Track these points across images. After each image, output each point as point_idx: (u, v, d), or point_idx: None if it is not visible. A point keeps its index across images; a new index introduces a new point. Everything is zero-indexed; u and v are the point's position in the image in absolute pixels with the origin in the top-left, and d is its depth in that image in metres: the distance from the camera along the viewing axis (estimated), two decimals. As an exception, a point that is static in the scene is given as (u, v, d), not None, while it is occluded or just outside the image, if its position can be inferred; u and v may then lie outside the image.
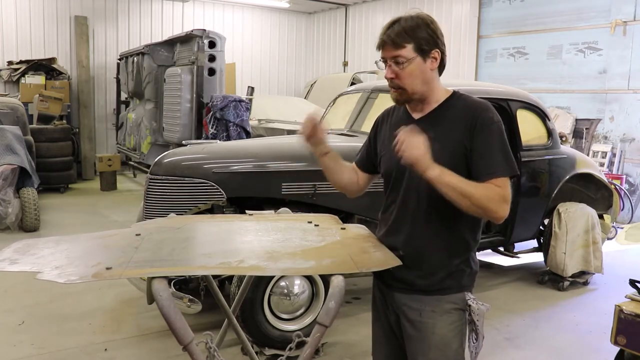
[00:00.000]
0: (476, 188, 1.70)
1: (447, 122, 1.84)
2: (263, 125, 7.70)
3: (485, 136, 1.77)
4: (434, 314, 1.84)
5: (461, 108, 1.84)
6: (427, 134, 1.77)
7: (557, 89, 8.73)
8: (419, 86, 1.84)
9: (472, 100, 1.87)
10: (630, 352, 2.50)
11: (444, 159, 1.75)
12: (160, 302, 1.53)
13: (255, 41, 12.85)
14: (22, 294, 4.35)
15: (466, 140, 1.79)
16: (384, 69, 1.88)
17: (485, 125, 1.78)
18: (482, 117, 1.79)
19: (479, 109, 1.82)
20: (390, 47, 1.80)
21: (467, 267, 1.88)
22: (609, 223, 5.40)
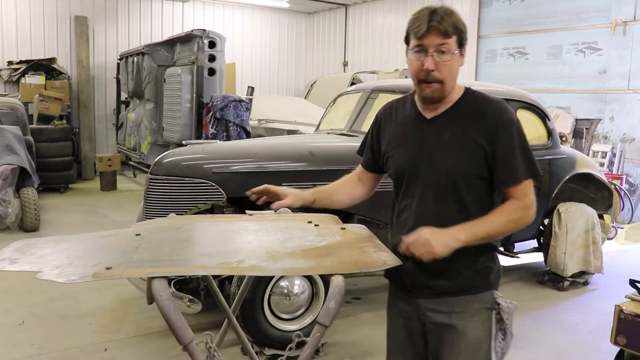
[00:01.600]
0: (500, 220, 1.67)
1: (463, 122, 1.74)
2: (263, 125, 7.70)
3: (507, 140, 1.70)
4: (464, 314, 1.77)
5: (477, 107, 1.75)
6: (441, 135, 1.73)
7: (557, 89, 8.73)
8: (453, 83, 1.74)
9: (487, 98, 1.78)
10: (630, 352, 2.50)
11: (461, 163, 1.70)
12: (160, 302, 1.53)
13: (255, 41, 12.85)
14: (22, 294, 4.35)
15: (485, 143, 1.71)
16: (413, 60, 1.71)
17: (506, 129, 1.71)
18: (502, 119, 1.71)
19: (498, 109, 1.73)
20: (438, 35, 1.66)
21: (493, 263, 1.83)
22: (609, 223, 5.40)
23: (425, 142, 1.78)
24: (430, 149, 1.76)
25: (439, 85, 1.70)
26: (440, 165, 1.74)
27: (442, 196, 1.74)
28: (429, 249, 1.59)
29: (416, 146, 1.79)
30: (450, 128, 1.75)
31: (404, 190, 1.84)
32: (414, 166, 1.79)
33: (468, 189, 1.73)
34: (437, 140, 1.76)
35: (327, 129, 4.90)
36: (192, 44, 7.12)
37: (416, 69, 1.70)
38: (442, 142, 1.75)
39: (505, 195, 1.74)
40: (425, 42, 1.67)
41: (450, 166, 1.73)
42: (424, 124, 1.80)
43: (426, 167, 1.76)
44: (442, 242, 1.60)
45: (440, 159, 1.74)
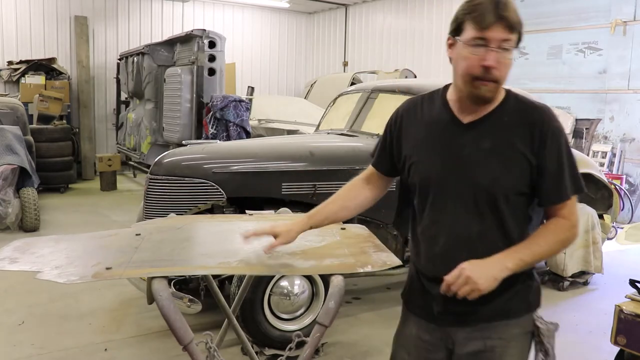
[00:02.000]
0: (549, 242, 1.52)
1: (506, 129, 1.53)
2: (263, 125, 7.70)
3: (556, 153, 1.51)
4: (501, 341, 1.60)
5: (522, 113, 1.54)
6: (481, 144, 1.53)
7: (557, 89, 8.73)
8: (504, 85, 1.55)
9: (532, 102, 1.58)
10: (630, 352, 2.50)
11: (504, 178, 1.51)
12: (160, 302, 1.53)
13: (255, 41, 12.85)
14: (22, 294, 4.35)
15: (531, 155, 1.51)
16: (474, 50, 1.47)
17: (555, 139, 1.51)
18: (551, 128, 1.52)
19: (545, 116, 1.53)
20: (504, 29, 1.45)
21: (532, 281, 1.64)
22: (609, 223, 5.40)
23: (461, 150, 1.56)
24: (467, 159, 1.55)
25: (494, 85, 1.50)
26: (479, 178, 1.53)
27: (479, 213, 1.55)
28: (473, 286, 1.44)
29: (450, 154, 1.57)
30: (491, 136, 1.54)
31: (431, 202, 1.62)
32: (446, 177, 1.58)
33: (507, 205, 1.54)
34: (476, 149, 1.54)
35: (327, 129, 4.90)
36: (192, 44, 7.12)
37: (472, 64, 1.47)
38: (482, 152, 1.54)
39: (550, 212, 1.57)
40: (489, 35, 1.44)
41: (491, 181, 1.52)
42: (460, 129, 1.58)
43: (461, 179, 1.55)
44: (488, 275, 1.44)
45: (479, 172, 1.54)
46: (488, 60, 1.45)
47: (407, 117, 1.70)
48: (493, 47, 1.44)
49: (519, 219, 1.56)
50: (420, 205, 1.66)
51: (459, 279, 1.45)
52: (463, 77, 1.51)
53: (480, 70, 1.46)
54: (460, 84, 1.53)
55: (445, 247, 1.57)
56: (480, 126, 1.56)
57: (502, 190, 1.52)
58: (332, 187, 2.00)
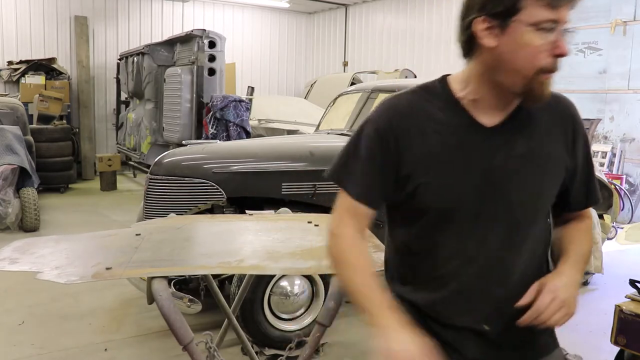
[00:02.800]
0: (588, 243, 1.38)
1: (540, 128, 1.26)
2: (263, 125, 7.70)
3: (585, 151, 1.32)
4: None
5: (552, 108, 1.28)
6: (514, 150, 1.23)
7: (557, 88, 8.71)
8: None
9: (554, 93, 1.30)
10: (630, 352, 2.50)
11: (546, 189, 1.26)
12: (160, 302, 1.53)
13: (255, 41, 12.85)
14: (22, 294, 4.35)
15: (566, 156, 1.27)
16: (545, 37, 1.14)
17: (583, 135, 1.31)
18: (579, 123, 1.30)
19: (574, 109, 1.31)
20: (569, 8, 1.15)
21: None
22: (609, 223, 5.40)
23: (490, 161, 1.22)
24: (499, 172, 1.23)
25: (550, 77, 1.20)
26: (518, 194, 1.23)
27: (517, 239, 1.25)
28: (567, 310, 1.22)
29: (477, 168, 1.23)
30: (525, 138, 1.24)
31: (455, 231, 1.25)
32: (475, 199, 1.23)
33: (540, 222, 1.30)
34: (506, 158, 1.22)
35: (327, 129, 4.90)
36: (192, 44, 7.12)
37: (539, 53, 1.14)
38: (516, 161, 1.23)
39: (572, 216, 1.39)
40: (561, 17, 1.13)
41: (532, 198, 1.24)
42: (484, 135, 1.23)
43: (495, 198, 1.23)
44: (575, 295, 1.23)
45: (517, 186, 1.23)
46: (562, 47, 1.14)
47: (411, 131, 1.25)
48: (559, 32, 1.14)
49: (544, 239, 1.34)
50: (430, 234, 1.28)
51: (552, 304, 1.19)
52: (524, 70, 1.16)
53: (552, 62, 1.16)
54: (511, 80, 1.18)
55: (474, 285, 1.25)
56: (509, 128, 1.24)
57: (540, 207, 1.27)
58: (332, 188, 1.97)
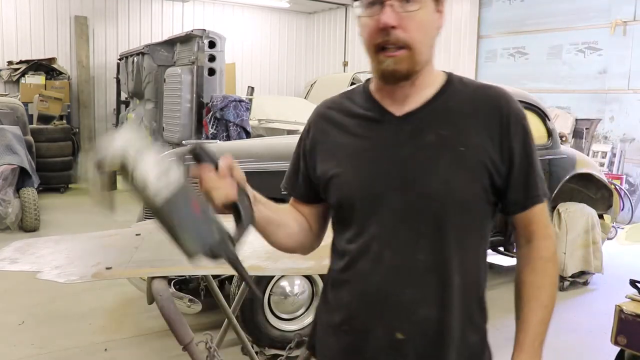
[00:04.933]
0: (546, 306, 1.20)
1: (455, 118, 1.16)
2: (263, 125, 7.70)
3: (522, 144, 1.16)
4: None
5: (474, 97, 1.18)
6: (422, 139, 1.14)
7: (557, 89, 8.73)
8: (427, 50, 1.14)
9: (482, 83, 1.23)
10: (630, 352, 2.50)
11: (459, 182, 1.12)
12: (160, 302, 1.53)
13: (255, 41, 12.85)
14: (22, 294, 4.35)
15: (491, 148, 1.14)
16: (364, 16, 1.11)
17: (520, 126, 1.16)
18: (513, 112, 1.16)
19: (504, 97, 1.18)
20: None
21: (486, 347, 1.26)
22: (609, 223, 5.40)
23: (397, 151, 1.15)
24: (405, 163, 1.14)
25: (405, 53, 1.09)
26: (425, 184, 1.13)
27: (427, 233, 1.13)
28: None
29: (384, 159, 1.16)
30: (436, 127, 1.15)
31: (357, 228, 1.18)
32: (378, 191, 1.15)
33: (462, 220, 1.14)
34: (416, 147, 1.14)
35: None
36: (192, 44, 7.12)
37: (371, 31, 1.10)
38: (426, 150, 1.14)
39: (519, 225, 1.22)
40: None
41: (440, 185, 1.12)
42: (394, 124, 1.17)
43: (400, 191, 1.13)
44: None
45: (424, 175, 1.13)
46: (383, 18, 1.06)
47: (322, 123, 1.26)
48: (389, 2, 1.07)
49: (476, 242, 1.18)
50: (340, 233, 1.22)
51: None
52: (367, 51, 1.14)
53: (381, 36, 1.08)
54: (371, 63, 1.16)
55: (380, 285, 1.14)
56: (420, 116, 1.16)
57: (456, 199, 1.12)
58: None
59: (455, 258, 1.13)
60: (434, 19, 1.13)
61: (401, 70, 1.11)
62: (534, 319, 1.18)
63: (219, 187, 1.05)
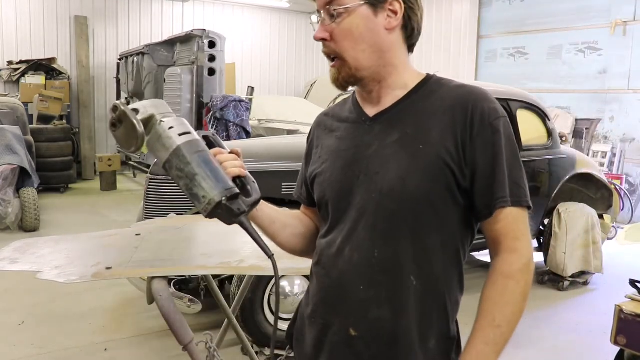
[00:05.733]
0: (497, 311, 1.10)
1: (420, 117, 1.15)
2: (263, 125, 7.70)
3: (488, 144, 1.10)
4: None
5: (445, 96, 1.15)
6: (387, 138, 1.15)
7: (557, 89, 8.73)
8: (368, 55, 1.14)
9: (459, 84, 1.19)
10: (630, 352, 2.50)
11: (415, 179, 1.10)
12: (160, 302, 1.53)
13: (255, 41, 12.85)
14: (22, 294, 4.35)
15: (453, 146, 1.10)
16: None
17: (486, 125, 1.11)
18: (480, 110, 1.11)
19: (473, 96, 1.13)
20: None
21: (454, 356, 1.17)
22: (609, 223, 5.40)
23: (364, 150, 1.18)
24: (371, 160, 1.16)
25: (339, 63, 1.16)
26: (381, 183, 1.13)
27: (384, 230, 1.12)
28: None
29: (351, 157, 1.19)
30: (401, 126, 1.15)
31: (330, 224, 1.22)
32: (345, 186, 1.18)
33: (428, 221, 1.11)
34: (380, 146, 1.16)
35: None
36: (192, 44, 7.12)
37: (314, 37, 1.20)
38: (388, 148, 1.14)
39: (486, 235, 1.15)
40: (316, 4, 1.17)
41: (395, 181, 1.11)
42: (366, 125, 1.20)
43: (363, 186, 1.16)
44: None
45: (382, 174, 1.13)
46: (316, 33, 1.17)
47: (318, 130, 1.34)
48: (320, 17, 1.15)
49: (437, 245, 1.13)
50: (322, 229, 1.27)
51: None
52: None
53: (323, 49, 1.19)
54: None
55: (339, 279, 1.16)
56: (388, 117, 1.18)
57: (410, 196, 1.10)
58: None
59: (410, 260, 1.11)
60: (374, 24, 1.13)
61: (340, 79, 1.17)
62: (479, 339, 1.09)
63: (232, 162, 1.11)
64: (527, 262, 1.11)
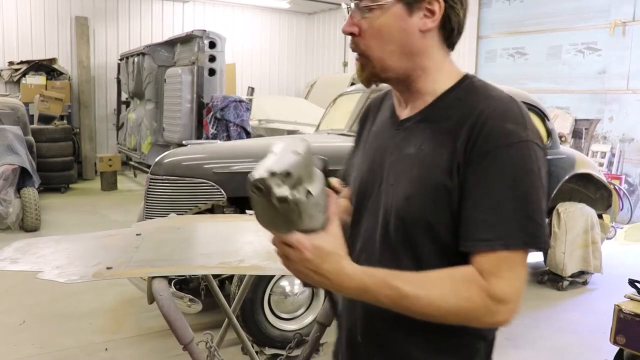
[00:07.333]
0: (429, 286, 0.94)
1: (438, 131, 1.04)
2: (263, 125, 7.71)
3: (488, 169, 0.95)
4: None
5: (465, 109, 1.02)
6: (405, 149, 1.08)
7: (557, 89, 8.73)
8: (396, 57, 1.05)
9: (488, 95, 1.03)
10: (629, 352, 2.51)
11: (415, 199, 1.02)
12: (161, 301, 1.54)
13: (256, 41, 12.86)
14: (23, 294, 4.36)
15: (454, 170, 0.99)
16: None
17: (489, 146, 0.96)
18: (489, 128, 0.97)
19: (487, 112, 0.98)
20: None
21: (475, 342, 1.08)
22: (608, 223, 5.41)
23: (388, 156, 1.12)
24: (389, 169, 1.10)
25: (363, 60, 1.07)
26: (392, 197, 1.07)
27: (393, 246, 1.07)
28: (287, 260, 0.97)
29: (378, 160, 1.14)
30: (417, 140, 1.07)
31: (352, 224, 1.18)
32: (363, 192, 1.15)
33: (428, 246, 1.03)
34: (398, 156, 1.09)
35: (327, 129, 4.91)
36: (193, 45, 7.13)
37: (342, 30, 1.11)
38: (403, 161, 1.08)
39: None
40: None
41: (402, 203, 1.04)
42: (393, 128, 1.14)
43: (379, 196, 1.11)
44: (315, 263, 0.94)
45: (394, 188, 1.07)
46: (345, 26, 1.07)
47: (366, 119, 1.28)
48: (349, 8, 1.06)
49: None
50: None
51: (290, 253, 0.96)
52: None
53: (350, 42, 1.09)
54: None
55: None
56: (409, 125, 1.10)
57: (412, 217, 1.03)
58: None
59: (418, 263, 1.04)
60: (408, 24, 1.03)
61: (362, 77, 1.10)
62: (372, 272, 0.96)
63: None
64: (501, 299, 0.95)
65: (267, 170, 0.87)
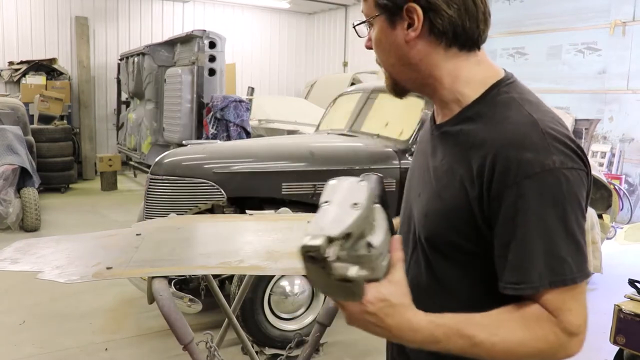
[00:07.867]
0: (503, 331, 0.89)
1: (462, 146, 0.99)
2: (263, 125, 7.71)
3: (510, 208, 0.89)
4: None
5: (475, 123, 0.98)
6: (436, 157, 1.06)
7: (557, 89, 8.74)
8: (399, 69, 1.04)
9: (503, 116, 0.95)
10: (629, 352, 2.51)
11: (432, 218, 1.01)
12: (161, 301, 1.54)
13: (256, 41, 12.86)
14: (23, 294, 4.36)
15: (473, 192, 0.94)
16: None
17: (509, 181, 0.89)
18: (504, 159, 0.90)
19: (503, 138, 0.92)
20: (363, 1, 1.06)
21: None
22: (608, 223, 5.41)
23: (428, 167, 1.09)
24: (425, 180, 1.08)
25: (385, 71, 1.09)
26: (416, 208, 1.08)
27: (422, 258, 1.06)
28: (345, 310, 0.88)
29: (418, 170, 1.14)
30: (442, 152, 1.04)
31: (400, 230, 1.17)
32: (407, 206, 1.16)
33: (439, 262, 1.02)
34: (427, 165, 1.09)
35: (327, 129, 4.91)
36: (193, 45, 7.13)
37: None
38: (428, 172, 1.07)
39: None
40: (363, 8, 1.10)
41: (422, 218, 1.04)
42: (430, 135, 1.12)
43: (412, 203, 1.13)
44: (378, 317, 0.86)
45: (420, 199, 1.08)
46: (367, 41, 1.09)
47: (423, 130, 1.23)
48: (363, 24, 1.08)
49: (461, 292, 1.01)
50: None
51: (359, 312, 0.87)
52: None
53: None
54: None
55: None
56: (440, 133, 1.07)
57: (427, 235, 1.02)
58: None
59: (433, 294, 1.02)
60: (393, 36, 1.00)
61: (387, 86, 1.10)
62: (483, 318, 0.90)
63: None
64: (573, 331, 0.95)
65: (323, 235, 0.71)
